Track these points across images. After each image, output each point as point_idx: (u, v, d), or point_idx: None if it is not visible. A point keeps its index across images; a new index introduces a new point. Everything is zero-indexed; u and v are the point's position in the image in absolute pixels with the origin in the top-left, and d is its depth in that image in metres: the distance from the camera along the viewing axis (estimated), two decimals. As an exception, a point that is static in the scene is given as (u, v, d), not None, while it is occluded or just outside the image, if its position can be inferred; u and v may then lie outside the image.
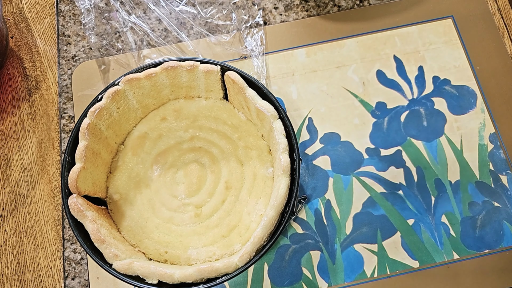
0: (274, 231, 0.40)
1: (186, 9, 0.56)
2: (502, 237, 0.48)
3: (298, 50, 0.55)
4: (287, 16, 0.57)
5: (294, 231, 0.48)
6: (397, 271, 0.47)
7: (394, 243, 0.48)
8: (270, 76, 0.54)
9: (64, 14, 0.58)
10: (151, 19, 0.57)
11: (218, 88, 0.46)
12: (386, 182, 0.50)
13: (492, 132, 0.52)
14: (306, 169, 0.51)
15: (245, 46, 0.54)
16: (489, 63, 0.54)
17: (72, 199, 0.39)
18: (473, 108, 0.53)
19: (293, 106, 0.53)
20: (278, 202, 0.39)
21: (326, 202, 0.49)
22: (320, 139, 0.52)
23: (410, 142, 0.51)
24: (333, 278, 0.47)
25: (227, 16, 0.56)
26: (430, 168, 0.50)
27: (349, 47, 0.55)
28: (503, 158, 0.51)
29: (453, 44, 0.55)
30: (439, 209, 0.49)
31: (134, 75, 0.43)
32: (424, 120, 0.52)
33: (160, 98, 0.47)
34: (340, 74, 0.54)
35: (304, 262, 0.47)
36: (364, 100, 0.53)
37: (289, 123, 0.42)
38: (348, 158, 0.51)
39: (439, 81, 0.54)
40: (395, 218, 0.49)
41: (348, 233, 0.48)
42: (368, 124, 0.52)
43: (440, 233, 0.48)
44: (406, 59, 0.55)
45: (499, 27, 0.56)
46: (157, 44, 0.55)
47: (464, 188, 0.50)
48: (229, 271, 0.38)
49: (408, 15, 0.57)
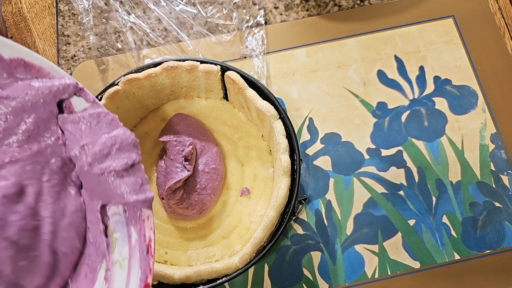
0: (274, 232, 0.40)
1: (186, 8, 0.56)
2: (503, 237, 0.48)
3: (299, 50, 0.55)
4: (287, 15, 0.57)
5: (295, 232, 0.48)
6: (398, 272, 0.47)
7: (395, 243, 0.48)
8: (270, 76, 0.54)
9: (63, 14, 0.58)
10: (151, 18, 0.57)
11: (218, 88, 0.45)
12: (387, 183, 0.50)
13: (493, 132, 0.52)
14: (307, 169, 0.51)
15: (246, 46, 0.54)
16: (490, 63, 0.54)
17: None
18: (474, 108, 0.53)
19: (294, 106, 0.53)
20: (279, 203, 0.39)
21: (326, 202, 0.49)
22: (320, 139, 0.52)
23: (411, 142, 0.51)
24: (334, 279, 0.47)
25: (228, 16, 0.56)
26: (431, 168, 0.50)
27: (349, 47, 0.55)
28: (504, 158, 0.51)
29: (454, 44, 0.55)
30: (440, 209, 0.49)
31: (134, 75, 0.43)
32: (425, 120, 0.52)
33: (160, 98, 0.47)
34: (340, 74, 0.54)
35: (304, 263, 0.47)
36: (365, 100, 0.53)
37: (289, 123, 0.42)
38: (349, 159, 0.51)
39: (440, 81, 0.54)
40: (396, 218, 0.49)
41: (349, 234, 0.48)
42: (369, 124, 0.52)
43: (441, 234, 0.48)
44: (407, 59, 0.55)
45: (500, 27, 0.56)
46: (157, 44, 0.55)
47: (465, 189, 0.50)
48: (229, 272, 0.38)
49: (409, 14, 0.56)
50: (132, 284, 0.26)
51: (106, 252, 0.28)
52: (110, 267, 0.27)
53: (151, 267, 0.26)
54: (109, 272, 0.27)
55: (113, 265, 0.27)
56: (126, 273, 0.27)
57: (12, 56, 0.29)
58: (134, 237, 0.27)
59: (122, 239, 0.28)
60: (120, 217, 0.28)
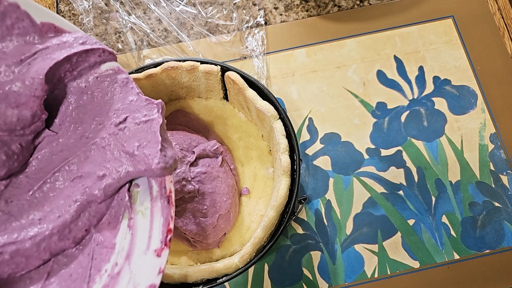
0: (274, 232, 0.40)
1: (187, 9, 0.56)
2: (503, 237, 0.48)
3: (298, 50, 0.55)
4: (287, 16, 0.57)
5: (295, 232, 0.48)
6: (398, 272, 0.47)
7: (394, 243, 0.48)
8: (270, 76, 0.54)
9: (63, 14, 0.58)
10: (151, 19, 0.57)
11: (218, 88, 0.46)
12: (386, 182, 0.50)
13: (492, 132, 0.52)
14: (307, 169, 0.51)
15: (246, 46, 0.54)
16: (489, 63, 0.54)
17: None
18: (473, 108, 0.53)
19: (294, 106, 0.53)
20: (279, 203, 0.39)
21: (326, 202, 0.49)
22: (320, 139, 0.52)
23: (411, 142, 0.51)
24: (334, 278, 0.47)
25: (228, 16, 0.56)
26: (431, 168, 0.50)
27: (349, 47, 0.55)
28: (503, 158, 0.51)
29: (453, 44, 0.55)
30: (439, 209, 0.49)
31: (134, 75, 0.43)
32: (425, 120, 0.52)
33: (160, 98, 0.47)
34: (340, 74, 0.54)
35: (304, 262, 0.47)
36: (365, 100, 0.53)
37: (289, 123, 0.42)
38: (349, 158, 0.51)
39: (440, 81, 0.54)
40: (395, 218, 0.49)
41: (349, 234, 0.48)
42: (369, 124, 0.52)
43: (441, 233, 0.48)
44: (407, 59, 0.55)
45: (500, 27, 0.56)
46: (157, 44, 0.55)
47: (465, 188, 0.50)
48: (229, 271, 0.38)
49: (409, 15, 0.57)
50: (155, 230, 0.28)
51: (128, 204, 0.29)
52: (132, 216, 0.29)
53: (172, 215, 0.28)
54: (132, 220, 0.29)
55: (136, 214, 0.29)
56: (149, 221, 0.28)
57: (43, 20, 0.30)
58: (155, 189, 0.29)
59: (143, 191, 0.29)
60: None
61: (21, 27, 0.30)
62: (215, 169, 0.42)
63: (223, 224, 0.42)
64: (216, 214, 0.41)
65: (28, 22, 0.30)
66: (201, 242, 0.41)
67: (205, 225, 0.40)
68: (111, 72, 0.32)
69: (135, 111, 0.30)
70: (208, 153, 0.42)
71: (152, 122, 0.29)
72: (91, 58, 0.31)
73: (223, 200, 0.41)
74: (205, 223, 0.40)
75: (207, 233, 0.41)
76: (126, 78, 0.32)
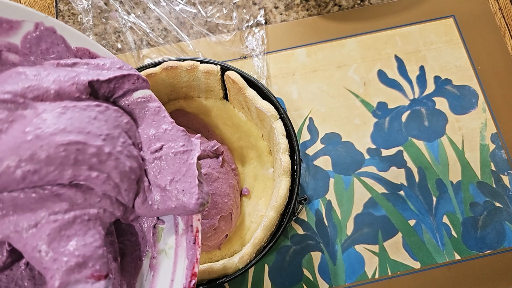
0: (274, 232, 0.40)
1: (186, 8, 0.56)
2: (504, 237, 0.48)
3: (299, 50, 0.55)
4: (287, 15, 0.57)
5: (295, 232, 0.48)
6: (398, 272, 0.47)
7: (395, 243, 0.48)
8: (270, 76, 0.54)
9: (63, 13, 0.58)
10: (151, 18, 0.57)
11: (218, 88, 0.45)
12: (387, 183, 0.50)
13: (493, 132, 0.52)
14: (307, 169, 0.50)
15: (246, 46, 0.54)
16: (490, 63, 0.54)
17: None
18: (474, 108, 0.53)
19: (294, 106, 0.53)
20: (279, 203, 0.39)
21: (327, 202, 0.49)
22: (320, 139, 0.52)
23: (411, 142, 0.51)
24: (334, 279, 0.47)
25: (228, 16, 0.56)
26: (431, 169, 0.50)
27: (349, 46, 0.55)
28: (504, 158, 0.51)
29: (454, 44, 0.55)
30: (440, 209, 0.49)
31: (134, 75, 0.42)
32: (425, 120, 0.52)
33: (160, 98, 0.47)
34: (340, 74, 0.54)
35: (304, 263, 0.47)
36: (365, 100, 0.53)
37: (289, 123, 0.42)
38: (349, 159, 0.51)
39: (440, 81, 0.54)
40: (396, 218, 0.48)
41: (349, 234, 0.48)
42: (369, 124, 0.52)
43: (442, 234, 0.48)
44: (407, 58, 0.55)
45: (501, 27, 0.56)
46: (157, 43, 0.55)
47: (466, 189, 0.49)
48: (229, 272, 0.38)
49: (409, 14, 0.56)
50: (178, 273, 0.26)
51: (152, 241, 0.28)
52: (155, 255, 0.27)
53: (197, 257, 0.26)
54: (154, 260, 0.27)
55: (159, 253, 0.27)
56: (173, 262, 0.27)
57: (78, 45, 0.30)
58: (181, 227, 0.27)
59: (168, 228, 0.28)
60: None
61: (55, 52, 0.29)
62: (216, 170, 0.41)
63: (224, 226, 0.41)
64: (217, 215, 0.41)
65: (63, 47, 0.30)
66: (202, 244, 0.41)
67: (206, 227, 0.40)
68: (142, 100, 0.31)
69: (170, 141, 0.28)
70: (208, 154, 0.42)
71: (190, 153, 0.27)
72: (125, 85, 0.30)
73: (224, 201, 0.41)
74: (206, 225, 0.40)
75: (208, 235, 0.40)
76: (158, 107, 0.31)
